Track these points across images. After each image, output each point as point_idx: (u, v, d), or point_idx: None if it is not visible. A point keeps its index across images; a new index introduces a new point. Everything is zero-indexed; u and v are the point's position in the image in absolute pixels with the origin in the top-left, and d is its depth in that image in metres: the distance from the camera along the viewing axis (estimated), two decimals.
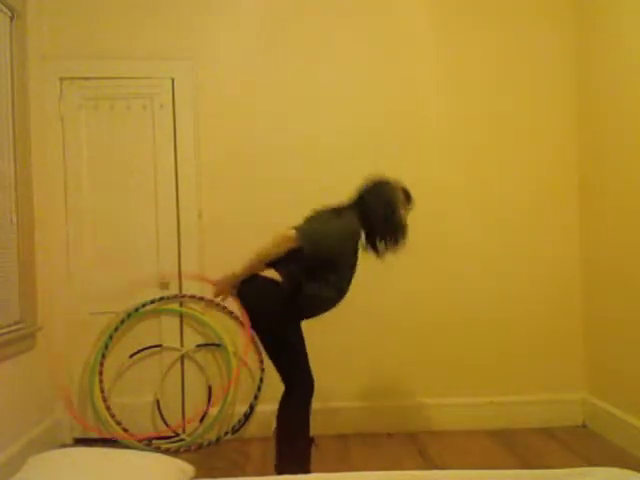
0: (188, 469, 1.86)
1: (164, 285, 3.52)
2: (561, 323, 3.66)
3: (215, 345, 3.54)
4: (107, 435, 3.39)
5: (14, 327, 3.00)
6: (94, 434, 3.43)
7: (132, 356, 3.51)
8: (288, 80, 3.59)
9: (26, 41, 3.20)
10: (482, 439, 3.43)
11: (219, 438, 3.43)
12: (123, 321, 3.45)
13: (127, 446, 3.25)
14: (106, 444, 3.31)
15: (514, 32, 3.66)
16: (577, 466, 2.26)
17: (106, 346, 3.43)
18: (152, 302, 3.48)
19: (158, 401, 3.51)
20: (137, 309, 3.46)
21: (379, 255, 2.67)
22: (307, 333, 2.57)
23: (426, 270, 3.62)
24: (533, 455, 3.17)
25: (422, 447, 3.31)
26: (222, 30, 3.57)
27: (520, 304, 3.64)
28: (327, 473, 1.92)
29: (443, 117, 3.64)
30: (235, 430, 3.49)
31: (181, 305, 3.55)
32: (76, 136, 3.51)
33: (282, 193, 3.51)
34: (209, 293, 3.39)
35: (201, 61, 3.56)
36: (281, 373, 2.56)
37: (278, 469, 2.47)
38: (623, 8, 3.21)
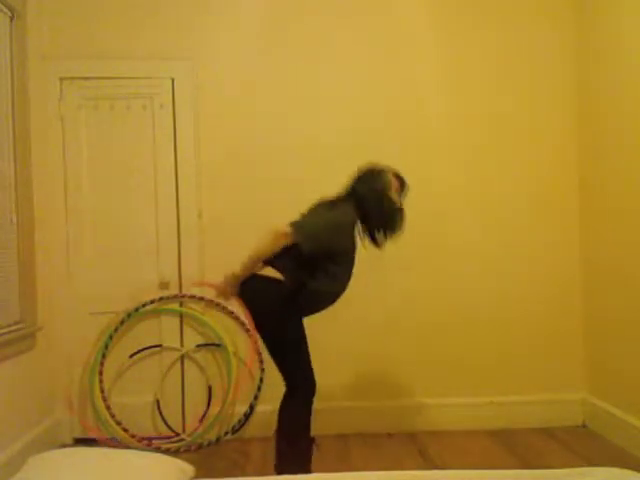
0: (188, 469, 1.86)
1: (164, 285, 3.52)
2: (561, 323, 3.67)
3: (215, 345, 3.54)
4: (107, 435, 3.39)
5: (14, 327, 3.01)
6: (94, 434, 3.43)
7: (132, 356, 3.51)
8: (288, 80, 3.59)
9: (26, 41, 3.20)
10: (482, 439, 3.43)
11: (219, 438, 3.43)
12: (123, 321, 3.45)
13: (127, 446, 3.25)
14: (106, 444, 3.31)
15: (514, 32, 3.67)
16: (577, 466, 2.27)
17: (106, 346, 3.43)
18: (152, 302, 3.48)
19: (158, 401, 3.51)
20: (137, 309, 3.46)
21: (378, 245, 2.67)
22: (307, 333, 2.57)
23: (426, 270, 3.62)
24: (533, 455, 3.17)
25: (422, 447, 3.31)
26: (222, 30, 3.57)
27: (520, 304, 3.65)
28: (327, 473, 1.92)
29: (443, 117, 3.65)
30: (235, 430, 3.49)
31: (181, 305, 3.55)
32: (76, 136, 3.51)
33: (282, 193, 3.50)
34: (209, 293, 3.40)
35: (201, 61, 3.56)
36: (283, 373, 2.55)
37: (278, 469, 2.46)
38: (623, 8, 3.21)
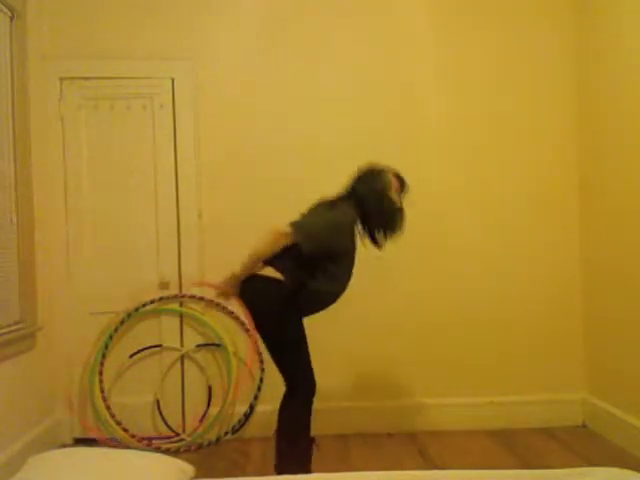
0: (188, 469, 1.86)
1: (164, 285, 3.52)
2: (561, 323, 3.67)
3: (215, 345, 3.54)
4: (107, 435, 3.39)
5: (14, 327, 3.00)
6: (94, 434, 3.43)
7: (132, 356, 3.51)
8: (288, 80, 3.59)
9: (26, 41, 3.20)
10: (482, 439, 3.43)
11: (219, 438, 3.43)
12: (123, 321, 3.45)
13: (127, 446, 3.25)
14: (106, 444, 3.32)
15: (514, 32, 3.66)
16: (577, 466, 2.27)
17: (106, 346, 3.43)
18: (152, 302, 3.48)
19: (158, 401, 3.51)
20: (137, 309, 3.46)
21: (379, 245, 2.67)
22: (307, 333, 2.57)
23: (426, 270, 3.62)
24: (533, 455, 3.17)
25: (422, 447, 3.31)
26: (222, 30, 3.57)
27: (520, 304, 3.65)
28: (327, 473, 1.92)
29: (443, 117, 3.64)
30: (235, 430, 3.49)
31: (181, 305, 3.55)
32: (76, 136, 3.51)
33: (282, 193, 3.50)
34: (209, 293, 3.40)
35: (201, 61, 3.56)
36: (283, 373, 2.55)
37: (278, 469, 2.46)
38: (623, 8, 3.21)
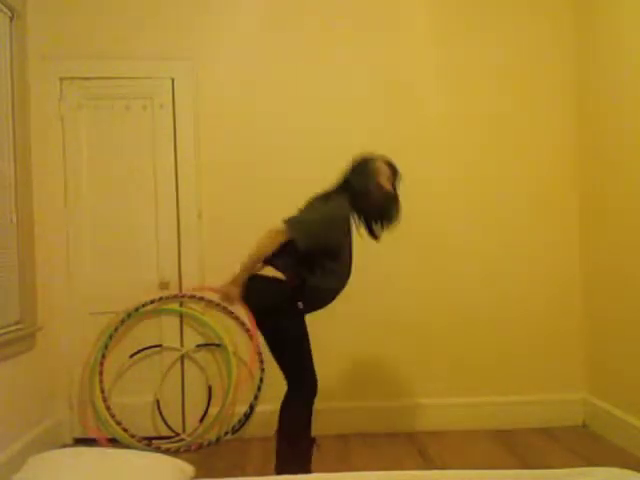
0: (188, 469, 1.86)
1: (164, 285, 3.52)
2: (561, 323, 3.66)
3: (215, 345, 3.54)
4: (107, 435, 3.39)
5: (14, 327, 3.01)
6: (94, 434, 3.42)
7: (132, 356, 3.51)
8: (288, 80, 3.59)
9: (26, 41, 3.21)
10: (482, 439, 3.43)
11: (219, 438, 3.43)
12: (123, 321, 3.45)
13: (127, 446, 3.25)
14: (106, 444, 3.31)
15: (514, 32, 3.67)
16: (577, 466, 2.26)
17: (106, 346, 3.43)
18: (152, 302, 3.48)
19: (158, 401, 3.51)
20: (137, 309, 3.46)
21: (376, 236, 2.67)
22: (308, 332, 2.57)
23: (426, 270, 3.62)
24: (533, 455, 3.17)
25: (422, 447, 3.31)
26: (222, 30, 3.57)
27: (520, 304, 3.64)
28: (327, 473, 1.92)
29: (443, 117, 3.64)
30: (235, 430, 3.49)
31: (181, 305, 3.55)
32: (76, 136, 3.51)
33: (282, 193, 3.49)
34: (209, 293, 3.40)
35: (201, 61, 3.56)
36: (284, 372, 2.55)
37: (278, 469, 2.46)
38: (623, 8, 3.21)
